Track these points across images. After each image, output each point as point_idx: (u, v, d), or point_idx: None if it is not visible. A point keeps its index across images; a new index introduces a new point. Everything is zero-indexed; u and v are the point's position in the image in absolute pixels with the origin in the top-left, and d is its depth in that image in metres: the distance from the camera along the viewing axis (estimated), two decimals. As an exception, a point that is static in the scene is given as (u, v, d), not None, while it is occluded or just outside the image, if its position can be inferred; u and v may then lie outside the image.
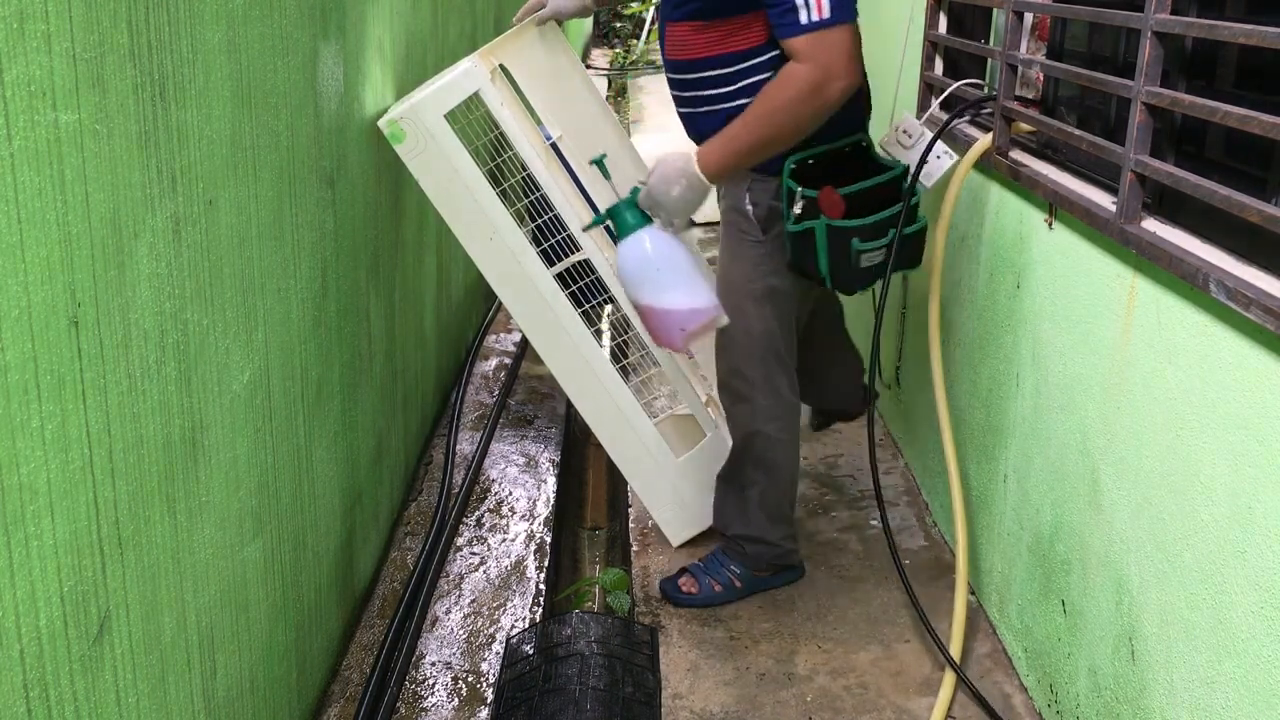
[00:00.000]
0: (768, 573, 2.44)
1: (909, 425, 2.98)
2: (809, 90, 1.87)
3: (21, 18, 0.99)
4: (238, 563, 1.61)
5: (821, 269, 2.07)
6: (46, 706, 1.09)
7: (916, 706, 2.10)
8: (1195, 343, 1.52)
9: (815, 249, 2.05)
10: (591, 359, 2.51)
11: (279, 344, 1.76)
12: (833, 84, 1.87)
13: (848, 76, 1.87)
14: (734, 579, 2.41)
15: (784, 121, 1.92)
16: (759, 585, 2.44)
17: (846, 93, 1.90)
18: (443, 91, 2.33)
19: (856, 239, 2.04)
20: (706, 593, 2.40)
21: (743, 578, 2.42)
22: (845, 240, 2.04)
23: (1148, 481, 1.65)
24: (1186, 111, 1.55)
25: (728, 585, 2.41)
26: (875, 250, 2.08)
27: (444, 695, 2.16)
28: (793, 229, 2.06)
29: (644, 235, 2.03)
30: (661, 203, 2.00)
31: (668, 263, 2.02)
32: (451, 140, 2.34)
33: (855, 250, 2.05)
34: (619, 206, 2.06)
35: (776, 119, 1.92)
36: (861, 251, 2.05)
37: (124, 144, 1.19)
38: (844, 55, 1.86)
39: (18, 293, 1.01)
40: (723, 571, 2.42)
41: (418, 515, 2.80)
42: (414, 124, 2.32)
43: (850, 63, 1.88)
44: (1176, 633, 1.56)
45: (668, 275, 2.01)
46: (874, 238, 2.07)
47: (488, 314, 4.29)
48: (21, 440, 1.03)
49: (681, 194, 1.99)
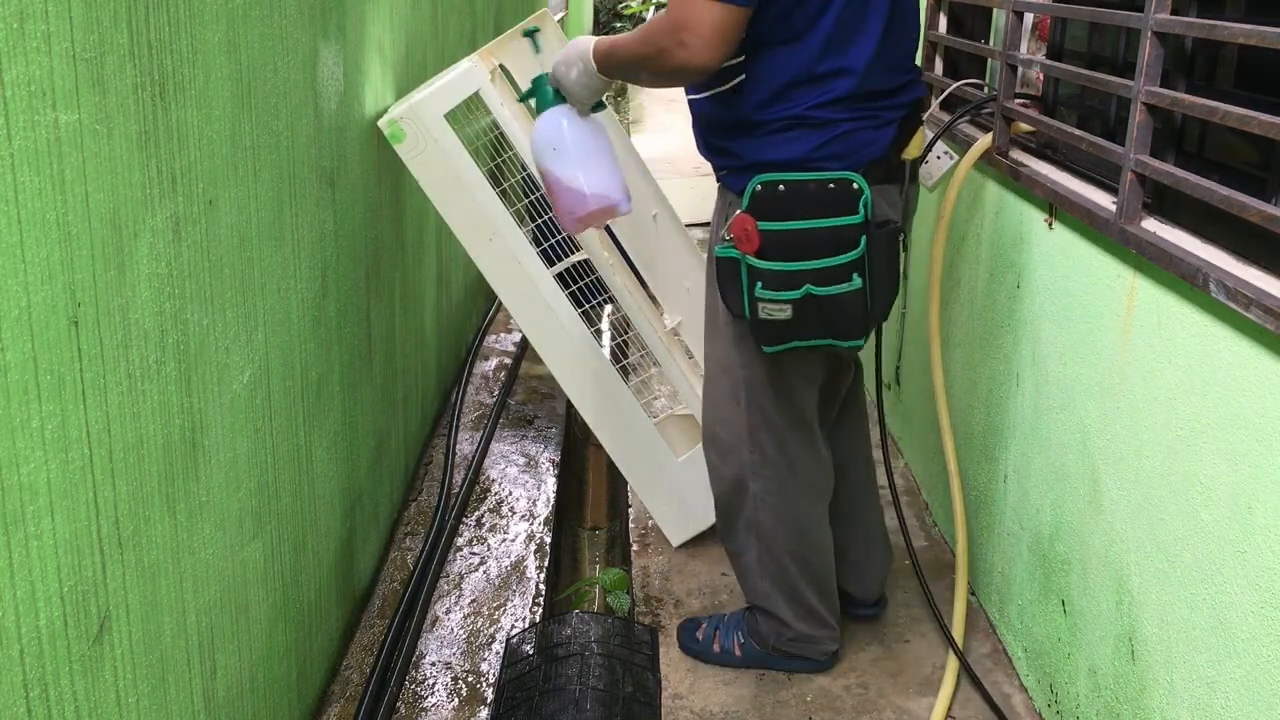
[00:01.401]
0: (777, 655, 2.18)
1: (909, 425, 2.98)
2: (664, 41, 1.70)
3: (21, 18, 0.99)
4: (238, 563, 1.61)
5: (745, 310, 1.85)
6: (46, 706, 1.09)
7: (916, 706, 2.10)
8: (1195, 343, 1.52)
9: (740, 284, 1.83)
10: (591, 359, 2.51)
11: (279, 344, 1.76)
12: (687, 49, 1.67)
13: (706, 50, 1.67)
14: (736, 647, 2.20)
15: (640, 58, 1.77)
16: (766, 663, 2.19)
17: (699, 69, 1.69)
18: (443, 91, 2.33)
19: (760, 283, 1.80)
20: (705, 647, 2.23)
21: (746, 649, 2.19)
22: (753, 283, 1.81)
23: (1148, 481, 1.65)
24: (1186, 111, 1.55)
25: (727, 650, 2.21)
26: (778, 304, 1.79)
27: (444, 695, 2.16)
28: (719, 251, 1.86)
29: (554, 113, 2.01)
30: (560, 80, 1.97)
31: (575, 143, 2.00)
32: (451, 140, 2.34)
33: (755, 297, 1.81)
34: (542, 78, 2.05)
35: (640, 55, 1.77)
36: (760, 300, 1.80)
37: (124, 144, 1.19)
38: (706, 27, 1.65)
39: (18, 293, 1.01)
40: (731, 635, 2.22)
41: (418, 515, 2.80)
42: (414, 124, 2.31)
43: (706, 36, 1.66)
44: (1176, 633, 1.56)
45: (572, 153, 1.99)
46: (778, 288, 1.78)
47: (488, 314, 4.29)
48: (21, 440, 1.03)
49: (577, 77, 1.92)
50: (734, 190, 1.88)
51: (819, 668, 2.19)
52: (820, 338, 1.84)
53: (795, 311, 1.80)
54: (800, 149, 1.80)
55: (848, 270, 1.79)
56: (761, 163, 1.81)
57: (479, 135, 2.53)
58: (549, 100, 2.03)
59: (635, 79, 1.87)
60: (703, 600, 2.44)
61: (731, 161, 1.89)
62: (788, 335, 1.83)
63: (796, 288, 1.78)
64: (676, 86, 1.88)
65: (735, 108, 1.83)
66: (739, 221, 1.78)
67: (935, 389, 2.40)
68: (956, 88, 2.49)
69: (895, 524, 2.57)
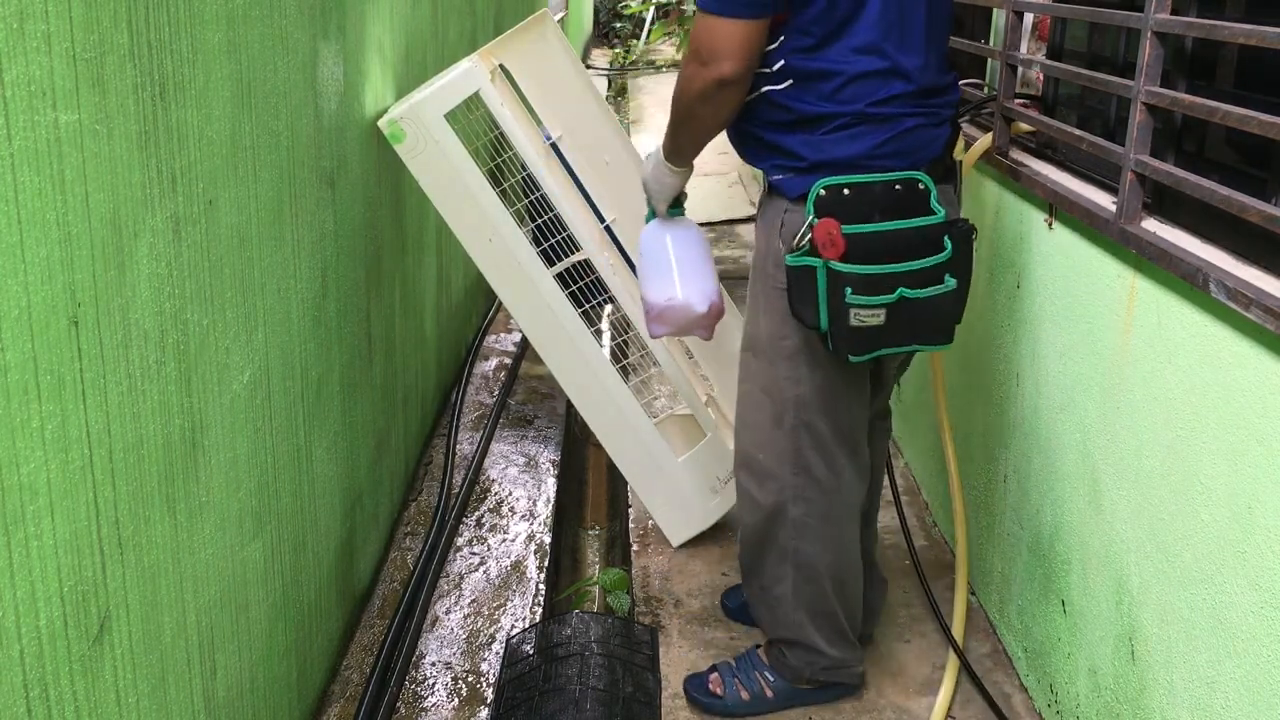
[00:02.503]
0: (811, 686, 2.09)
1: (909, 425, 2.98)
2: (686, 76, 1.78)
3: (21, 18, 0.99)
4: (238, 563, 1.61)
5: (821, 320, 1.74)
6: (46, 706, 1.09)
7: (916, 706, 2.10)
8: (1195, 343, 1.52)
9: (816, 294, 1.73)
10: (591, 359, 2.50)
11: (279, 344, 1.76)
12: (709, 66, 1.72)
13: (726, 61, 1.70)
14: (765, 687, 2.08)
15: (680, 101, 1.83)
16: (797, 700, 2.09)
17: (727, 80, 1.72)
18: (443, 91, 2.33)
19: (849, 288, 1.70)
20: (733, 699, 2.08)
21: (776, 688, 2.08)
22: (840, 288, 1.71)
23: (1148, 481, 1.65)
24: (1186, 111, 1.55)
25: (757, 695, 2.08)
26: (870, 310, 1.71)
27: (444, 695, 2.16)
28: (790, 261, 1.75)
29: (649, 226, 2.12)
30: (643, 184, 2.08)
31: (647, 255, 2.10)
32: (452, 140, 2.34)
33: (846, 304, 1.71)
34: None
35: (678, 98, 1.84)
36: (852, 306, 1.71)
37: (124, 144, 1.19)
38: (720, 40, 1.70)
39: (18, 293, 1.01)
40: (754, 677, 2.10)
41: (418, 515, 2.80)
42: (414, 124, 2.31)
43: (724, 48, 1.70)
44: (1176, 633, 1.56)
45: (647, 267, 2.10)
46: (870, 293, 1.70)
47: (488, 314, 4.29)
48: (21, 440, 1.03)
49: (651, 171, 2.03)
50: (791, 196, 1.80)
51: (850, 693, 2.12)
52: (909, 342, 1.79)
53: (889, 316, 1.72)
54: (862, 146, 1.75)
55: (940, 271, 1.74)
56: (824, 163, 1.76)
57: (479, 135, 2.53)
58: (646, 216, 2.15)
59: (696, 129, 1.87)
60: (703, 600, 2.44)
61: (791, 162, 1.80)
62: (879, 342, 1.76)
63: (890, 291, 1.71)
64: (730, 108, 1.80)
65: (794, 105, 1.78)
66: (822, 226, 1.70)
67: (935, 389, 2.39)
68: (956, 88, 2.49)
69: (896, 524, 2.57)
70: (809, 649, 2.04)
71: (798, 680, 2.08)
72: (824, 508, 1.95)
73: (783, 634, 2.05)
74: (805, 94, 1.77)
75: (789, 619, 2.02)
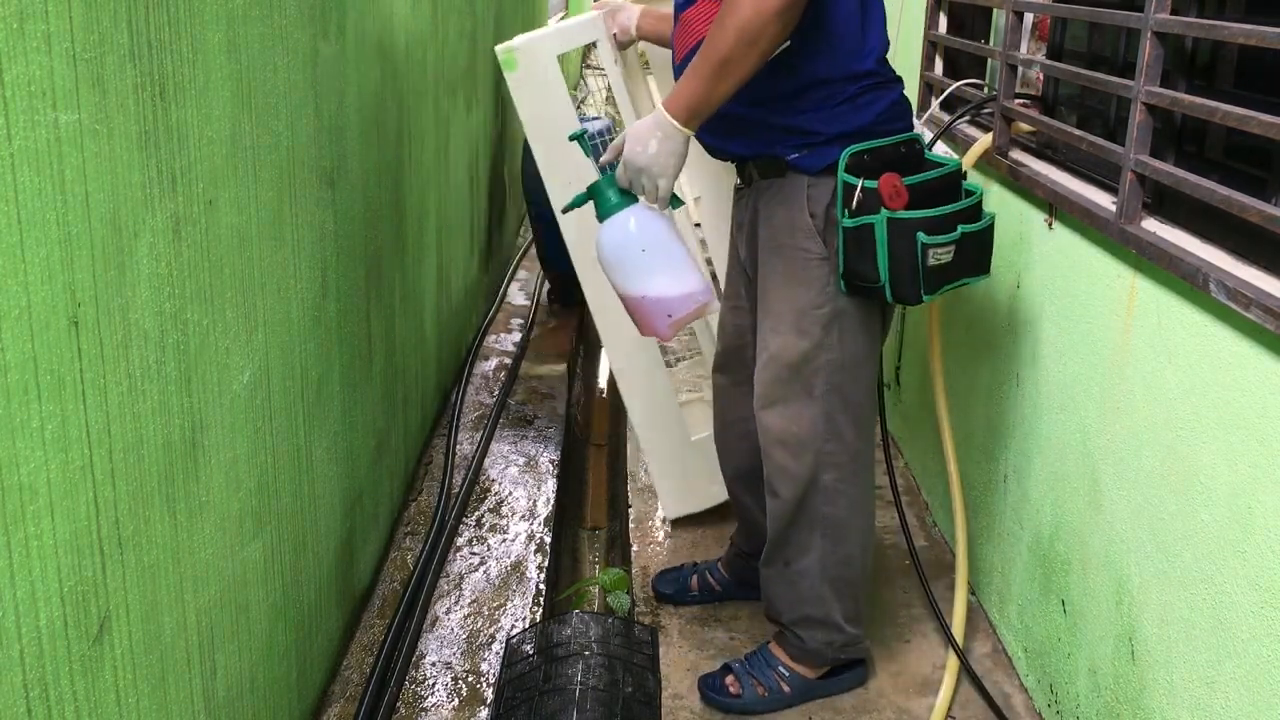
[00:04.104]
0: (825, 670, 2.12)
1: (909, 425, 2.98)
2: None
3: (21, 18, 0.99)
4: (238, 563, 1.61)
5: (880, 272, 1.83)
6: (46, 706, 1.09)
7: (916, 706, 2.10)
8: (1195, 343, 1.52)
9: (875, 248, 1.82)
10: None
11: (279, 344, 1.76)
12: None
13: None
14: (782, 683, 2.10)
15: (733, 38, 1.70)
16: (814, 692, 2.12)
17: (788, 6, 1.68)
18: (563, 33, 2.44)
19: (922, 232, 1.82)
20: (750, 697, 2.08)
21: (792, 682, 2.10)
22: (909, 235, 1.81)
23: (1148, 481, 1.65)
24: (1186, 111, 1.55)
25: (774, 690, 2.09)
26: (943, 248, 1.85)
27: (444, 695, 2.16)
28: (849, 224, 1.83)
29: (628, 214, 1.84)
30: (640, 165, 1.81)
31: (655, 243, 1.84)
32: (558, 79, 2.46)
33: (922, 245, 1.82)
34: (600, 183, 1.87)
35: (727, 37, 1.70)
36: (929, 246, 1.82)
37: (124, 144, 1.19)
38: None
39: (18, 293, 1.01)
40: (769, 674, 2.11)
41: (418, 515, 2.80)
42: (528, 56, 2.43)
43: None
44: (1176, 633, 1.56)
45: (657, 258, 1.84)
46: (940, 231, 1.84)
47: (488, 314, 4.29)
48: (21, 440, 1.03)
49: (659, 146, 1.79)
50: (814, 170, 1.88)
51: (863, 679, 2.16)
52: (964, 276, 1.92)
53: (956, 252, 1.87)
54: (870, 114, 1.87)
55: (978, 209, 1.92)
56: (841, 134, 1.86)
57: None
58: (613, 205, 1.85)
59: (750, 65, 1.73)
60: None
61: (808, 139, 1.88)
62: (944, 278, 1.89)
63: (953, 230, 1.86)
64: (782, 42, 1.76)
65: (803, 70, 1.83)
66: (887, 180, 1.82)
67: (935, 389, 2.39)
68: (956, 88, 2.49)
69: (896, 524, 2.57)
70: (828, 626, 2.07)
71: (816, 665, 2.11)
72: (852, 471, 2.01)
73: (805, 611, 2.07)
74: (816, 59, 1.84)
75: (813, 593, 2.05)
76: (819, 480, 1.99)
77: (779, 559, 2.08)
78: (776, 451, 2.01)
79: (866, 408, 2.03)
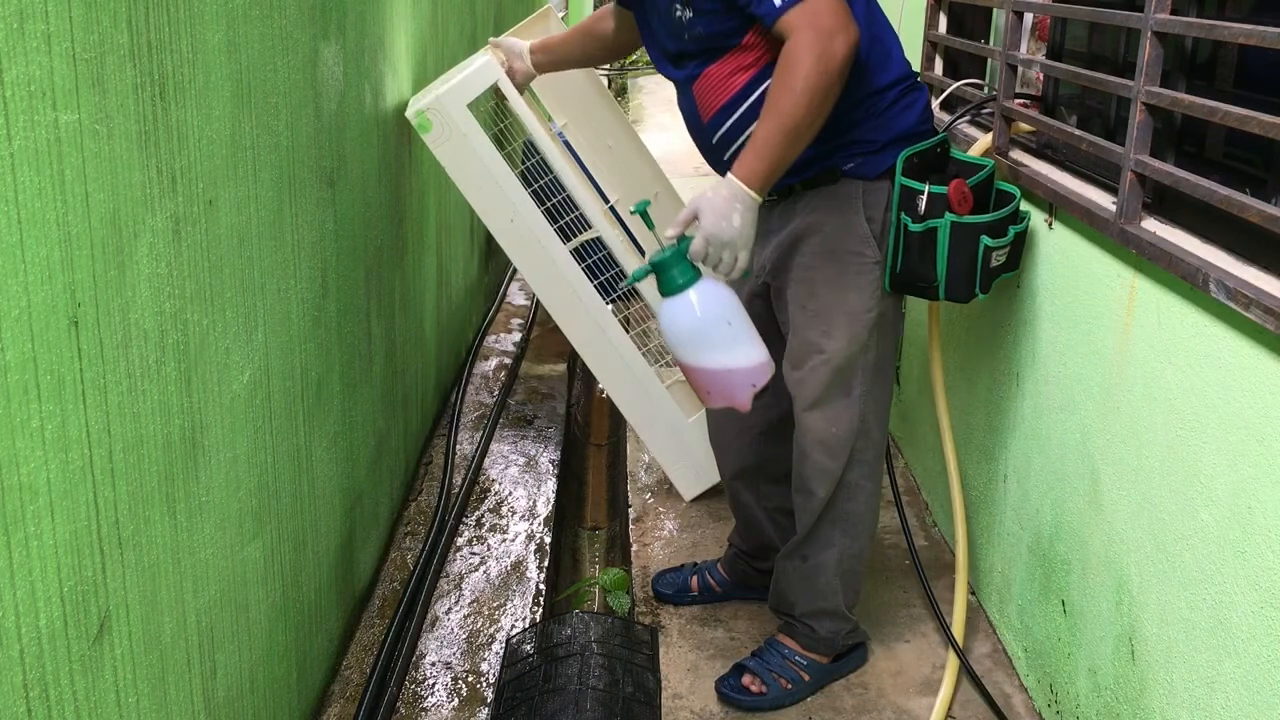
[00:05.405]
0: (832, 657, 2.17)
1: (909, 425, 2.98)
2: (815, 58, 1.68)
3: (21, 18, 0.99)
4: (238, 563, 1.61)
5: (939, 273, 1.92)
6: (46, 706, 1.09)
7: (916, 706, 2.10)
8: (1195, 343, 1.52)
9: (935, 251, 1.91)
10: (607, 328, 2.69)
11: (279, 344, 1.76)
12: (835, 43, 1.68)
13: (846, 31, 1.69)
14: (801, 672, 2.13)
15: (805, 101, 1.69)
16: (826, 676, 2.16)
17: (851, 49, 1.70)
18: (465, 83, 2.47)
19: (986, 236, 1.92)
20: (776, 691, 2.10)
21: (810, 669, 2.14)
22: (973, 238, 1.91)
23: (1148, 481, 1.65)
24: (1186, 111, 1.55)
25: (796, 681, 2.12)
26: (1002, 249, 1.95)
27: (444, 695, 2.16)
28: (916, 228, 1.89)
29: (697, 292, 1.77)
30: (726, 239, 1.75)
31: (738, 315, 1.79)
32: (475, 128, 2.49)
33: (985, 248, 1.92)
34: (669, 257, 1.78)
35: (799, 101, 1.70)
36: (992, 249, 1.93)
37: (124, 144, 1.19)
38: (833, 12, 1.69)
39: (18, 293, 1.01)
40: (786, 666, 2.13)
41: (418, 515, 2.80)
42: (440, 115, 2.46)
43: (842, 18, 1.70)
44: (1176, 633, 1.56)
45: (740, 329, 1.79)
46: (999, 235, 1.95)
47: (488, 314, 4.29)
48: (21, 440, 1.03)
49: (742, 219, 1.75)
50: (871, 176, 1.93)
51: (865, 659, 2.23)
52: (1010, 270, 2.04)
53: (1010, 253, 2.00)
54: (913, 116, 1.94)
55: (1018, 211, 2.02)
56: (894, 139, 1.92)
57: (487, 127, 2.64)
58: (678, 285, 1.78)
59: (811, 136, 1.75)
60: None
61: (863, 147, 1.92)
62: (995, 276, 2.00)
63: (1006, 233, 1.96)
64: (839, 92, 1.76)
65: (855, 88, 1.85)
66: (955, 186, 1.89)
67: (935, 389, 2.39)
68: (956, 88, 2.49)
69: (896, 524, 2.57)
70: (836, 616, 2.13)
71: (828, 652, 2.16)
72: (873, 467, 2.08)
73: (817, 604, 2.12)
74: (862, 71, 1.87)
75: (828, 586, 2.11)
76: (846, 477, 2.05)
77: (798, 554, 2.12)
78: (816, 451, 2.03)
79: (886, 406, 2.10)
